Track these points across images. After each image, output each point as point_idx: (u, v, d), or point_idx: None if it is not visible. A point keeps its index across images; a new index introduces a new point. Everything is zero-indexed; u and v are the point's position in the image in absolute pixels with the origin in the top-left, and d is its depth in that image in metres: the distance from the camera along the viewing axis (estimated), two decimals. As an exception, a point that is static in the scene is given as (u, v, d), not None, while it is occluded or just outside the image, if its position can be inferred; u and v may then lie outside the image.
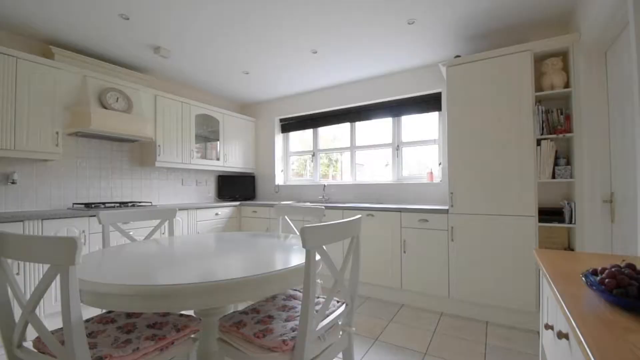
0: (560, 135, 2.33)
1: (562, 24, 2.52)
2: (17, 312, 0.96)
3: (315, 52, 2.99)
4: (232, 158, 4.29)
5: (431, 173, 3.33)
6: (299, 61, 3.21)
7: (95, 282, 1.03)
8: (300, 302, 1.50)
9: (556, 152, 2.37)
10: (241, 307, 1.85)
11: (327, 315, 1.27)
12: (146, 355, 1.08)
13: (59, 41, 2.74)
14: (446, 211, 2.63)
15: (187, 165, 3.66)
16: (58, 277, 0.87)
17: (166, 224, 2.79)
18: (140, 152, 3.48)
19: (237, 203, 4.00)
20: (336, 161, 4.44)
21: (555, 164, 2.37)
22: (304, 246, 1.01)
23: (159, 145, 3.36)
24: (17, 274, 2.15)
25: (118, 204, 2.96)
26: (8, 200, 2.56)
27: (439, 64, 2.82)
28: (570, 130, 2.34)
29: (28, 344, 1.07)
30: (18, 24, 2.48)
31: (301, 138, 4.65)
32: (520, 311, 2.34)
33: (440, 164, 3.32)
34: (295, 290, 1.67)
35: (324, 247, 1.13)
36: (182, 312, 1.37)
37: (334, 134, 4.39)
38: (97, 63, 2.96)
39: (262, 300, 1.53)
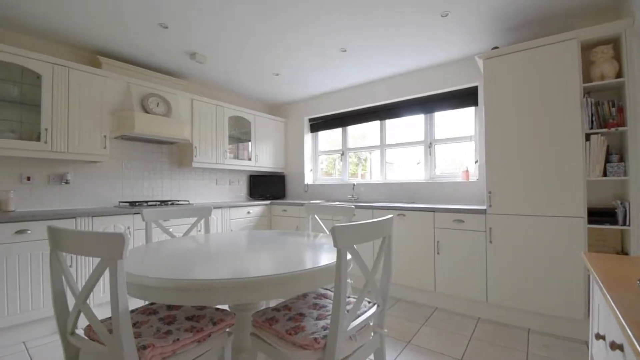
0: (612, 130, 2.13)
1: (612, 9, 2.30)
2: (71, 302, 1.06)
3: (345, 51, 2.98)
4: (263, 158, 4.39)
5: (467, 171, 3.19)
6: (328, 60, 3.21)
7: (139, 275, 1.11)
8: (331, 302, 1.51)
9: (607, 147, 2.17)
10: (273, 303, 1.89)
11: (359, 316, 1.26)
12: (185, 346, 1.14)
13: (106, 51, 2.95)
14: (484, 211, 2.50)
15: (221, 165, 3.80)
16: (107, 270, 0.94)
17: (202, 221, 2.92)
18: (178, 154, 3.67)
19: (268, 202, 4.09)
20: (365, 160, 4.40)
21: (607, 160, 2.17)
22: (335, 245, 1.01)
23: (195, 147, 3.52)
24: (70, 266, 2.35)
25: (159, 203, 3.14)
26: (62, 199, 2.82)
27: (475, 56, 2.69)
28: (623, 124, 2.13)
29: (79, 332, 1.16)
30: (69, 36, 2.70)
31: (330, 137, 4.66)
32: (566, 319, 2.18)
33: (476, 161, 3.17)
34: (326, 289, 1.67)
35: (355, 246, 1.12)
36: (218, 307, 1.43)
37: (362, 133, 4.34)
38: (139, 70, 3.17)
39: (294, 297, 1.55)
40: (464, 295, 2.58)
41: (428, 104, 3.49)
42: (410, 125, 3.75)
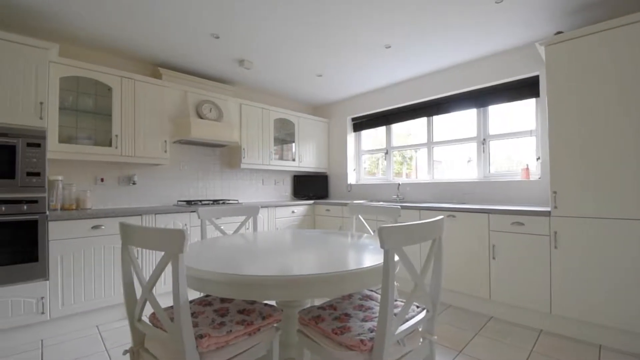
0: None
1: None
2: (138, 291, 1.17)
3: (389, 47, 2.90)
4: (307, 158, 4.47)
5: (527, 169, 2.92)
6: (372, 58, 3.16)
7: (197, 269, 1.19)
8: (377, 303, 1.48)
9: None
10: (318, 302, 1.91)
11: (407, 320, 1.22)
12: (237, 337, 1.20)
13: (165, 63, 3.23)
14: (547, 213, 2.27)
15: (267, 166, 3.94)
16: (169, 263, 1.02)
17: (251, 220, 3.05)
18: (228, 156, 3.88)
19: (311, 202, 4.15)
20: (410, 158, 4.25)
21: None
22: (382, 246, 0.99)
23: (244, 149, 3.69)
24: (137, 258, 2.61)
25: (211, 202, 3.35)
26: (130, 198, 3.13)
27: (536, 43, 2.46)
28: None
29: (145, 319, 1.28)
30: (134, 51, 3.00)
31: (373, 136, 4.58)
32: (653, 339, 1.89)
33: (538, 158, 2.89)
34: (372, 291, 1.64)
35: (403, 248, 1.08)
36: (266, 302, 1.48)
37: (408, 130, 4.20)
38: (194, 79, 3.41)
39: (339, 297, 1.55)
40: (523, 305, 2.36)
41: (481, 98, 3.26)
42: (460, 121, 3.54)
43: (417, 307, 1.37)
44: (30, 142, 2.18)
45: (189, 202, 3.24)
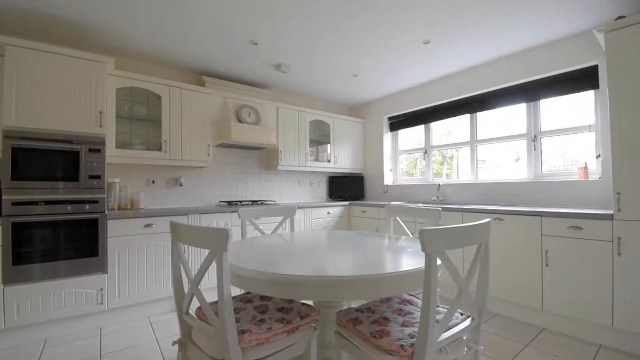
0: None
1: None
2: (185, 286, 1.24)
3: (428, 43, 2.80)
4: (342, 159, 4.46)
5: (584, 168, 2.66)
6: (409, 55, 3.07)
7: (238, 266, 1.24)
8: (417, 308, 1.43)
9: None
10: (355, 304, 1.90)
11: (450, 327, 1.17)
12: (277, 335, 1.22)
13: (207, 71, 3.41)
14: (610, 217, 2.04)
15: (303, 167, 3.99)
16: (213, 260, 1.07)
17: (288, 220, 3.11)
18: (266, 158, 4.00)
19: (347, 203, 4.13)
20: (451, 158, 4.06)
21: None
22: (423, 250, 0.95)
23: (280, 151, 3.78)
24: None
25: (250, 202, 3.47)
26: (177, 199, 3.35)
27: (593, 30, 2.23)
28: None
29: (192, 312, 1.36)
30: (180, 61, 3.20)
31: (411, 135, 4.45)
32: None
33: (598, 156, 2.62)
34: (411, 295, 1.59)
35: (446, 252, 1.03)
36: (304, 302, 1.49)
37: (448, 128, 4.02)
38: (234, 85, 3.56)
39: (376, 300, 1.53)
40: (580, 317, 2.15)
41: (531, 91, 3.03)
42: (507, 117, 3.32)
43: (461, 314, 1.31)
44: (92, 147, 2.41)
45: (229, 203, 3.38)
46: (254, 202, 3.49)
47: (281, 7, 2.25)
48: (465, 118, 3.65)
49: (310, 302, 1.71)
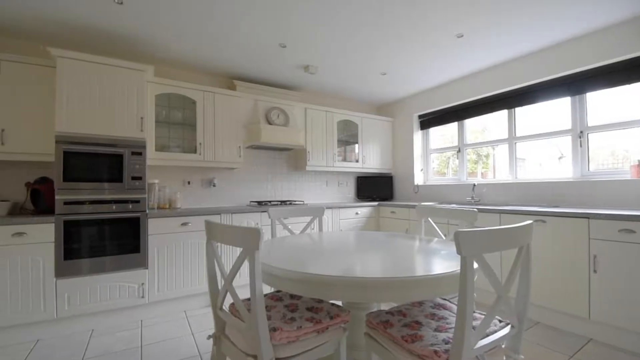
0: None
1: None
2: (219, 283, 1.28)
3: (461, 36, 2.69)
4: (370, 159, 4.40)
5: (638, 166, 2.42)
6: (441, 50, 2.97)
7: (269, 265, 1.26)
8: (451, 313, 1.38)
9: None
10: (384, 306, 1.86)
11: (488, 335, 1.11)
12: (307, 334, 1.23)
13: (238, 75, 3.51)
14: (671, 220, 1.85)
15: (331, 168, 3.99)
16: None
17: (316, 220, 3.12)
18: (294, 158, 4.05)
19: (376, 203, 4.07)
20: (487, 156, 3.87)
21: None
22: (459, 252, 0.91)
23: (309, 152, 3.81)
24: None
25: (279, 202, 3.53)
26: (211, 199, 3.48)
27: (651, 14, 2.03)
28: None
29: (225, 308, 1.40)
30: (212, 66, 3.32)
31: (442, 133, 4.30)
32: None
33: (655, 153, 2.37)
34: (445, 299, 1.54)
35: (483, 256, 0.99)
36: (333, 302, 1.49)
37: (483, 125, 3.84)
38: (263, 88, 3.64)
39: (408, 303, 1.49)
40: (633, 328, 1.95)
41: (576, 84, 2.81)
42: (549, 112, 3.10)
43: (500, 321, 1.24)
44: (134, 151, 2.57)
45: (259, 203, 3.46)
46: (283, 202, 3.54)
47: (309, 9, 2.27)
48: (503, 114, 3.46)
49: (339, 303, 1.71)
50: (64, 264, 2.28)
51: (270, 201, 3.56)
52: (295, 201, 3.72)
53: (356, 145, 4.34)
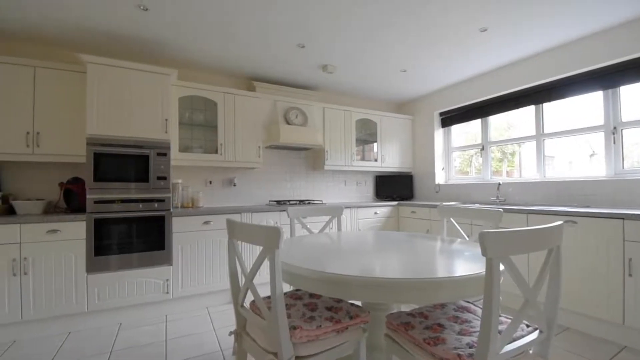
0: None
1: None
2: (240, 280, 1.30)
3: (485, 30, 2.60)
4: (389, 158, 4.34)
5: (681, 164, 2.26)
6: (464, 45, 2.88)
7: (289, 264, 1.27)
8: (475, 317, 1.34)
9: None
10: (405, 307, 1.83)
11: (514, 340, 1.07)
12: (326, 333, 1.23)
13: (257, 76, 3.56)
14: None
15: (349, 167, 3.97)
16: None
17: (335, 220, 3.12)
18: (313, 158, 4.06)
19: (395, 203, 4.01)
20: (512, 154, 3.73)
21: None
22: (484, 254, 0.88)
23: (327, 151, 3.80)
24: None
25: (298, 202, 3.55)
26: (231, 198, 3.55)
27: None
28: None
29: (246, 305, 1.42)
30: (232, 68, 3.38)
31: (465, 131, 4.18)
32: None
33: (701, 149, 2.20)
34: (469, 302, 1.49)
35: (510, 258, 0.95)
36: (353, 302, 1.48)
37: (508, 122, 3.70)
38: (282, 88, 3.67)
39: (429, 305, 1.46)
40: (682, 339, 1.83)
41: (609, 77, 2.65)
42: (579, 108, 2.95)
43: (528, 326, 1.19)
44: (159, 152, 2.66)
45: (278, 202, 3.50)
46: (301, 202, 3.56)
47: (328, 10, 2.26)
48: (529, 110, 3.32)
49: (358, 303, 1.70)
50: (95, 260, 2.40)
51: (289, 200, 3.59)
52: (313, 201, 3.73)
53: (375, 144, 4.29)
